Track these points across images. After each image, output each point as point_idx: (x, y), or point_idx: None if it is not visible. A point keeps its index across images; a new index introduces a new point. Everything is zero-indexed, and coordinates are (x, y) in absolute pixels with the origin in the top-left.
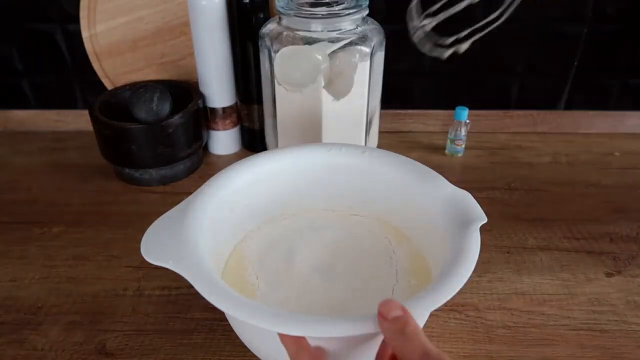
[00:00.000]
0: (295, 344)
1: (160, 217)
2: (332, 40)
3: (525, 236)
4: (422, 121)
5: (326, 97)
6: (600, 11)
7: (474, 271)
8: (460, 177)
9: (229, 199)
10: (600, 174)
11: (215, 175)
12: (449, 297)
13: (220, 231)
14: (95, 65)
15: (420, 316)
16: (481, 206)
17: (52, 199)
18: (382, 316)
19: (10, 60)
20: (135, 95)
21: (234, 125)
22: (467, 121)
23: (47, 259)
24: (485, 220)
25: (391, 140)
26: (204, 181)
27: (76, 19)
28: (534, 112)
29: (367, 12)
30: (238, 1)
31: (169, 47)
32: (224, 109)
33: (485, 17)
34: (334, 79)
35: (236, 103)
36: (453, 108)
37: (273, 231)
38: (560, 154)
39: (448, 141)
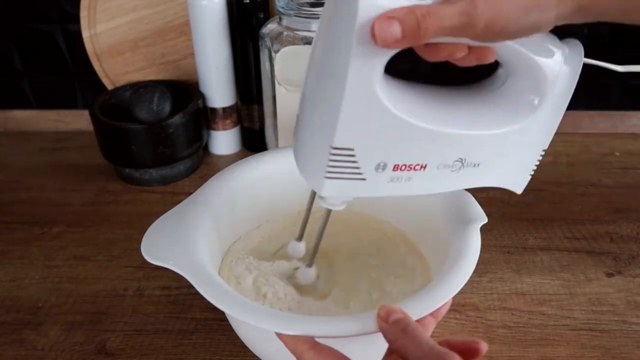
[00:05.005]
0: (293, 339)
1: (161, 217)
2: None
3: (525, 236)
4: None
5: None
6: None
7: (474, 271)
8: None
9: (229, 199)
10: (600, 174)
11: (215, 176)
12: (449, 297)
13: (220, 231)
14: (95, 65)
15: (421, 316)
16: (481, 206)
17: (52, 199)
18: (382, 320)
19: (10, 60)
20: (135, 95)
21: (234, 125)
22: None
23: (47, 259)
24: (485, 220)
25: None
26: (204, 181)
27: (76, 19)
28: None
29: None
30: (238, 1)
31: (169, 47)
32: (224, 109)
33: None
34: None
35: (236, 103)
36: None
37: (273, 231)
38: (560, 154)
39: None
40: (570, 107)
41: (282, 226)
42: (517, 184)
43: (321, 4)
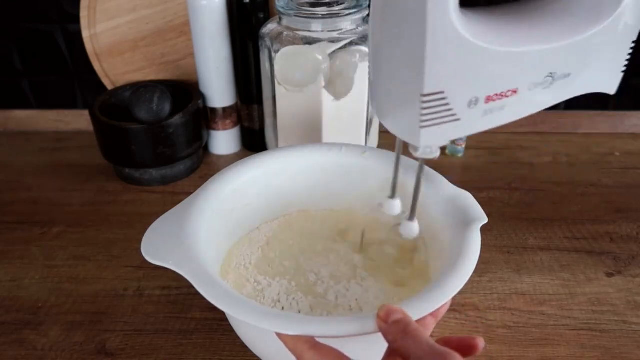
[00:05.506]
0: (293, 339)
1: (161, 217)
2: (333, 40)
3: (525, 236)
4: None
5: (326, 97)
6: None
7: (474, 271)
8: (461, 177)
9: (228, 199)
10: (600, 174)
11: (215, 176)
12: (449, 298)
13: (220, 231)
14: (96, 65)
15: (421, 316)
16: (481, 206)
17: (52, 199)
18: (382, 320)
19: (10, 60)
20: (135, 95)
21: (234, 125)
22: None
23: (47, 259)
24: (486, 220)
25: (391, 141)
26: (204, 181)
27: (76, 19)
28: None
29: (367, 12)
30: (238, 1)
31: (169, 47)
32: (224, 109)
33: None
34: (334, 79)
35: (236, 103)
36: None
37: (273, 231)
38: (560, 154)
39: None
40: (570, 106)
41: (281, 226)
42: (610, 84)
43: (321, 4)
